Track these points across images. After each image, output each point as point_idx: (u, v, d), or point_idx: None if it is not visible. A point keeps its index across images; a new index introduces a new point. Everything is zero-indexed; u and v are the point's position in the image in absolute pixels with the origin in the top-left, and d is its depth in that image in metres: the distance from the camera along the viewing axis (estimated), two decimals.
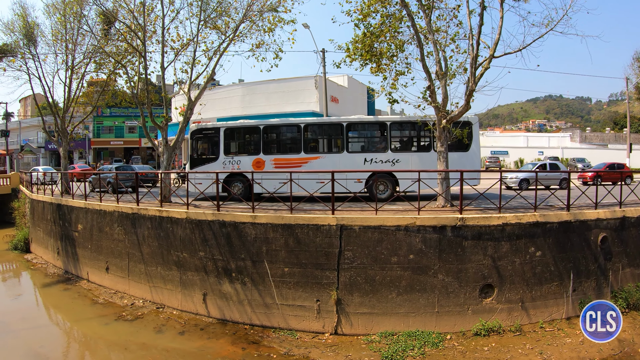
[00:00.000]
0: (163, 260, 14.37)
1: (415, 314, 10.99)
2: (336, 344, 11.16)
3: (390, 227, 10.97)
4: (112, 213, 16.29)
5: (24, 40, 22.42)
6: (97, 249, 17.13)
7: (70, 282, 18.21)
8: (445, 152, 13.42)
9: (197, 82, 17.81)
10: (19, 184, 31.81)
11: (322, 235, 11.46)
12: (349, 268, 11.29)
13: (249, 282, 12.47)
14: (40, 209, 22.52)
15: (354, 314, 11.35)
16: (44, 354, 12.72)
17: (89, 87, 24.65)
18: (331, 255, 11.41)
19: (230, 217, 12.71)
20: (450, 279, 10.83)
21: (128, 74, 18.54)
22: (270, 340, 11.71)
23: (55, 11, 21.44)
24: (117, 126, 58.02)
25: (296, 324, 11.96)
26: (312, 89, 31.37)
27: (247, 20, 16.63)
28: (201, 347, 11.82)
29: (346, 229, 11.26)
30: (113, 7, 17.91)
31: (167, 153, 16.68)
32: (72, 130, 25.00)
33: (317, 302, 11.59)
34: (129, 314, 14.24)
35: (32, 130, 62.69)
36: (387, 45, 14.45)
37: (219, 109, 33.62)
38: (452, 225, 10.86)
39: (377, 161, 16.22)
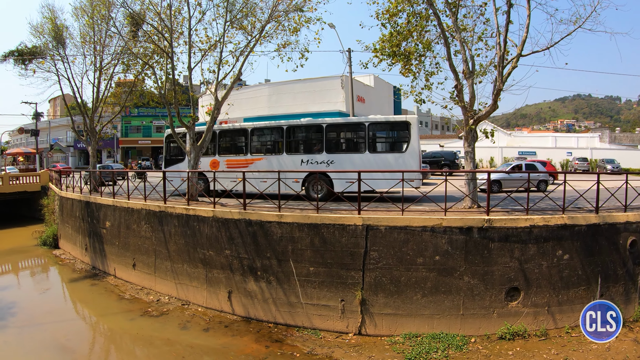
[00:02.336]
0: (189, 257, 14.89)
1: (440, 315, 11.13)
2: (359, 344, 11.38)
3: (417, 227, 11.15)
4: (139, 211, 16.95)
5: (53, 43, 23.60)
6: (125, 245, 17.82)
7: (97, 278, 18.95)
8: (472, 153, 13.58)
9: (224, 82, 18.23)
10: (48, 182, 33.33)
11: (348, 235, 11.72)
12: (374, 268, 11.51)
13: (274, 281, 12.83)
14: (69, 206, 23.51)
15: (378, 314, 11.56)
16: (69, 347, 13.25)
17: (117, 87, 25.66)
18: (357, 255, 11.65)
19: (257, 216, 13.11)
20: (476, 281, 10.93)
21: (156, 74, 19.04)
22: (294, 339, 12.02)
23: (83, 14, 22.48)
24: (144, 126, 59.65)
25: (320, 323, 12.25)
26: (339, 88, 31.69)
27: (272, 21, 16.95)
28: (225, 344, 12.19)
29: (372, 229, 11.49)
30: (140, 9, 18.53)
31: (194, 152, 17.19)
32: (100, 129, 25.97)
33: (341, 302, 11.86)
34: (155, 310, 14.77)
35: (62, 130, 65.08)
36: (415, 45, 14.65)
37: (246, 108, 34.18)
38: (478, 226, 10.97)
39: (312, 162, 17.14)
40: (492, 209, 11.75)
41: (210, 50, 17.94)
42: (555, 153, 50.39)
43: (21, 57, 24.81)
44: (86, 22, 22.69)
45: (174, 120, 18.04)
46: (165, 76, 18.89)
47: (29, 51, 24.69)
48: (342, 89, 31.32)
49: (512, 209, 12.57)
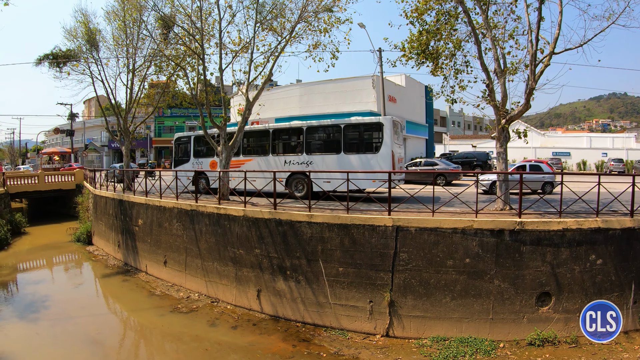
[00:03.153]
0: (219, 256, 15.29)
1: (469, 319, 11.11)
2: (387, 346, 11.43)
3: (447, 229, 11.20)
4: (171, 209, 17.47)
5: (86, 46, 24.57)
6: (156, 243, 18.40)
7: (129, 274, 19.61)
8: (504, 153, 13.49)
9: (255, 82, 18.58)
10: (82, 180, 34.66)
11: (378, 236, 11.81)
12: (403, 270, 11.57)
13: (303, 281, 13.04)
14: (102, 204, 24.36)
15: (406, 316, 11.61)
16: (100, 340, 13.71)
17: (150, 88, 26.51)
18: (386, 256, 11.74)
19: (287, 216, 13.36)
20: (506, 285, 10.86)
21: (187, 75, 19.62)
22: (321, 339, 12.18)
23: (115, 18, 23.38)
24: (177, 126, 60.89)
25: (348, 324, 12.37)
26: (370, 88, 31.83)
27: (302, 21, 17.18)
28: (252, 342, 12.43)
29: (402, 230, 11.55)
30: (171, 12, 19.04)
31: (225, 152, 17.62)
32: (134, 129, 26.84)
33: (370, 303, 11.96)
34: (184, 307, 15.19)
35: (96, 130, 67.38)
36: (444, 44, 14.67)
37: (277, 109, 34.70)
38: (510, 229, 10.91)
39: (294, 163, 18.23)
40: (524, 211, 11.66)
41: (241, 52, 18.30)
42: (590, 154, 49.51)
43: (55, 60, 25.91)
44: (118, 25, 23.60)
45: (206, 121, 18.61)
46: (197, 77, 19.45)
47: (63, 54, 25.74)
48: (374, 89, 31.46)
49: (545, 211, 12.46)
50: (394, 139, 16.88)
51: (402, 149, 19.06)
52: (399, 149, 17.82)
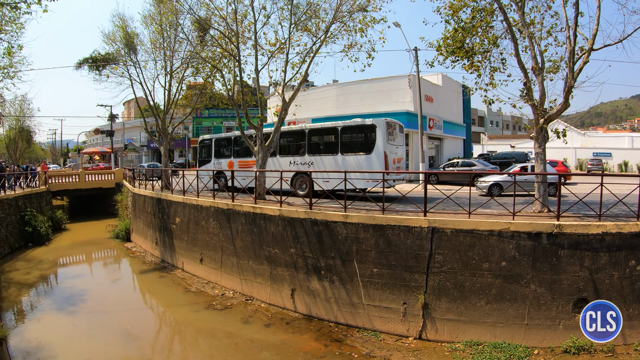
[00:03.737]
0: (255, 254, 15.81)
1: (503, 324, 11.09)
2: (419, 349, 11.52)
3: (483, 231, 11.26)
4: (208, 208, 18.16)
5: (124, 49, 25.61)
6: (193, 241, 19.12)
7: (165, 271, 20.42)
8: (542, 154, 13.32)
9: (291, 83, 19.06)
10: (122, 179, 36.22)
11: (413, 237, 11.96)
12: (438, 272, 11.66)
13: (337, 281, 13.34)
14: (141, 202, 25.41)
15: (440, 319, 11.69)
16: (135, 334, 14.35)
17: (188, 90, 27.43)
18: (421, 258, 11.86)
19: (322, 216, 13.71)
20: (542, 290, 10.78)
21: (224, 77, 20.32)
22: (354, 339, 12.40)
23: (152, 21, 24.33)
24: (215, 126, 62.38)
25: (381, 325, 12.56)
26: (406, 88, 31.76)
27: (337, 22, 17.46)
28: (285, 341, 12.77)
29: (438, 231, 11.68)
30: (206, 15, 19.77)
31: (262, 152, 18.11)
32: (172, 130, 27.82)
33: (403, 304, 12.11)
34: (219, 304, 15.75)
35: (135, 130, 70.05)
36: (480, 41, 14.62)
37: (314, 109, 35.15)
38: (548, 232, 10.82)
39: (297, 163, 19.87)
40: (562, 213, 11.50)
41: (277, 53, 18.82)
42: (632, 154, 47.98)
43: (95, 63, 27.10)
44: (155, 29, 24.55)
45: (243, 121, 19.27)
46: (233, 79, 20.17)
47: (102, 58, 26.92)
48: (410, 88, 31.52)
49: (585, 214, 12.24)
50: (389, 140, 17.98)
51: (402, 149, 19.76)
52: (395, 149, 18.68)
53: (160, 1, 23.11)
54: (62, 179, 37.04)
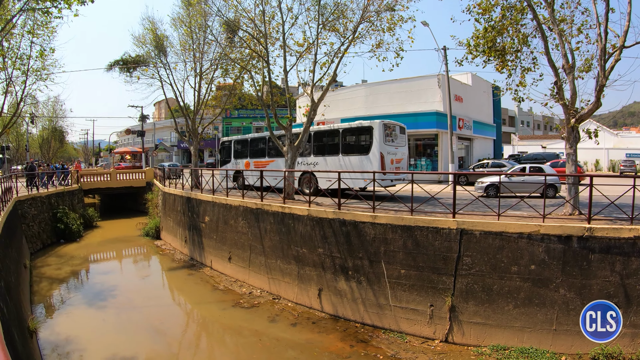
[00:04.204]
0: (283, 254, 16.21)
1: (531, 329, 11.02)
2: (445, 352, 11.62)
3: (513, 234, 11.26)
4: (237, 207, 18.67)
5: (154, 51, 26.49)
6: (222, 239, 19.67)
7: (194, 269, 21.02)
8: (574, 155, 13.17)
9: (319, 83, 19.37)
10: (152, 178, 37.42)
11: (442, 239, 12.10)
12: (466, 274, 11.74)
13: (365, 281, 13.56)
14: (171, 201, 26.22)
15: (467, 322, 11.77)
16: (162, 330, 14.83)
17: (218, 91, 28.17)
18: (449, 259, 11.99)
19: (351, 216, 13.97)
20: (572, 294, 10.70)
21: (253, 78, 20.96)
22: (379, 340, 12.58)
23: (181, 24, 25.09)
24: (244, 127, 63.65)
25: (407, 327, 12.71)
26: (435, 88, 31.92)
27: (364, 21, 17.65)
28: (310, 340, 13.03)
29: (466, 233, 11.80)
30: (235, 17, 20.23)
31: (291, 152, 18.54)
32: (202, 130, 28.62)
33: (430, 307, 12.23)
34: (246, 302, 16.18)
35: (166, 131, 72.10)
36: (510, 40, 14.62)
37: (343, 109, 35.76)
38: (578, 235, 10.73)
39: (305, 164, 20.89)
40: (593, 216, 11.40)
41: (305, 53, 19.18)
42: None
43: (126, 65, 28.12)
44: (184, 31, 25.29)
45: (272, 122, 19.77)
46: (262, 79, 20.66)
47: (133, 60, 27.90)
48: (439, 88, 31.60)
49: (617, 217, 12.11)
50: (386, 141, 18.79)
51: (403, 150, 20.40)
52: (394, 150, 19.39)
53: (189, 4, 23.88)
54: (94, 177, 38.48)
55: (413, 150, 34.64)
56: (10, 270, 14.02)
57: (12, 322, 9.41)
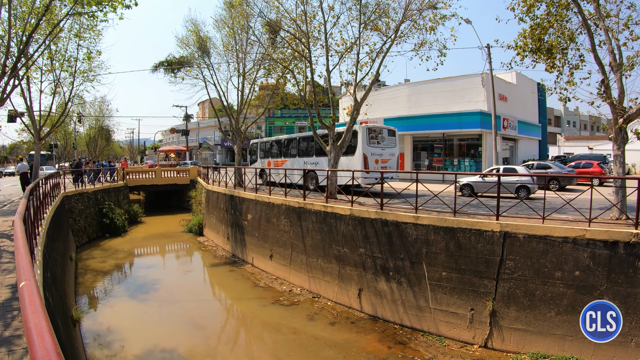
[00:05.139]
0: (324, 253, 16.83)
1: (573, 338, 10.89)
2: (483, 357, 11.78)
3: (557, 238, 11.23)
4: (279, 206, 19.47)
5: (198, 53, 28.01)
6: (263, 237, 20.52)
7: (235, 265, 21.98)
8: (621, 156, 13.02)
9: (362, 83, 19.99)
10: (196, 176, 39.11)
11: (484, 242, 12.29)
12: (508, 279, 11.86)
13: (405, 283, 13.95)
14: (214, 199, 27.40)
15: (507, 328, 11.86)
16: (202, 324, 15.67)
17: (260, 90, 29.55)
18: (491, 263, 12.15)
19: (393, 217, 14.41)
20: (616, 303, 10.56)
21: (295, 77, 21.85)
22: (417, 343, 12.86)
23: (224, 25, 26.47)
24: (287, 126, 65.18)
25: (446, 330, 12.97)
26: (479, 87, 31.95)
27: (406, 20, 18.03)
28: (348, 340, 13.45)
29: (510, 236, 11.90)
30: (277, 18, 21.17)
31: (334, 152, 19.22)
32: (245, 129, 29.91)
33: (470, 310, 12.44)
34: (286, 300, 16.84)
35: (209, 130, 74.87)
36: (557, 38, 14.58)
37: (385, 109, 36.38)
38: (625, 241, 10.48)
39: (308, 163, 24.98)
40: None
41: (347, 53, 19.80)
42: None
43: (170, 66, 29.83)
44: (227, 32, 26.63)
45: (315, 121, 20.50)
46: (305, 79, 21.48)
47: (177, 61, 29.58)
48: (483, 87, 31.60)
49: None
50: (371, 143, 21.81)
51: (390, 151, 23.07)
52: (380, 151, 22.30)
53: (232, 6, 25.08)
54: (140, 175, 40.60)
55: (456, 150, 34.91)
56: (57, 262, 14.94)
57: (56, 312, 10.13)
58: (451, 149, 35.21)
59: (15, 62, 16.38)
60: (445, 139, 35.04)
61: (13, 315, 7.12)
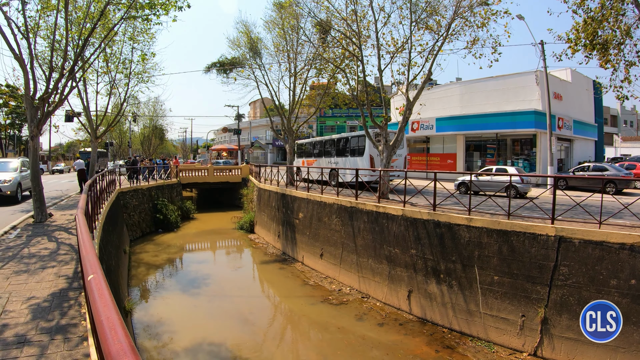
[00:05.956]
0: (375, 253, 17.33)
1: (625, 350, 10.68)
2: None
3: (614, 244, 11.09)
4: (331, 205, 20.14)
5: (249, 53, 29.41)
6: (314, 236, 21.25)
7: (285, 263, 22.85)
8: None
9: (414, 82, 20.35)
10: (248, 175, 40.68)
11: (539, 246, 12.29)
12: (562, 285, 11.85)
13: (456, 286, 14.21)
14: (266, 197, 28.47)
15: (558, 337, 11.71)
16: (251, 320, 16.44)
17: (312, 90, 30.54)
18: (545, 268, 12.16)
19: (446, 218, 14.73)
20: None
21: (347, 77, 22.48)
22: (466, 348, 13.06)
23: (274, 26, 27.71)
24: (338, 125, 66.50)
25: (495, 336, 13.09)
26: (533, 85, 31.76)
27: (458, 17, 18.32)
28: (396, 342, 13.80)
29: (564, 241, 11.87)
30: (327, 17, 21.88)
31: (386, 151, 19.69)
32: (297, 129, 30.89)
33: (521, 317, 12.49)
34: (335, 299, 17.42)
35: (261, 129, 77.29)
36: (612, 32, 14.38)
37: (438, 108, 36.77)
38: None
39: (331, 162, 29.33)
40: None
41: (399, 52, 20.26)
42: None
43: (222, 67, 31.52)
44: (278, 33, 27.83)
45: (367, 121, 20.99)
46: (357, 79, 22.08)
47: (229, 62, 31.28)
48: (537, 85, 31.24)
49: None
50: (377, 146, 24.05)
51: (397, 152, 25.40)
52: None
53: (281, 7, 26.27)
54: (192, 172, 42.71)
55: (510, 151, 34.76)
56: (111, 255, 16.06)
57: None
58: (505, 150, 35.10)
59: (72, 65, 17.47)
60: (498, 139, 34.98)
61: (69, 305, 7.82)
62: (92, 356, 5.70)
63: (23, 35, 16.23)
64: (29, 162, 19.74)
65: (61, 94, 17.64)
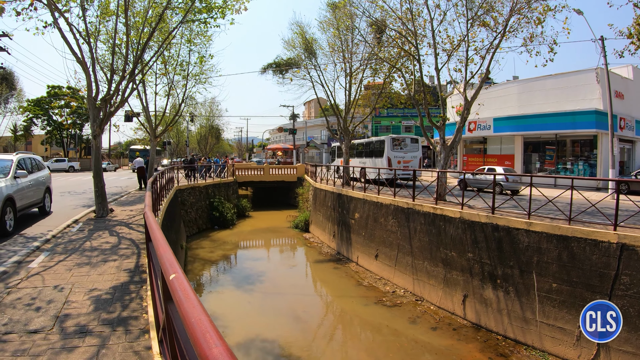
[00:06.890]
0: (431, 255, 17.68)
1: None
2: None
3: None
4: (388, 206, 20.64)
5: (304, 54, 30.45)
6: (370, 237, 21.81)
7: (339, 263, 23.57)
8: None
9: (471, 81, 20.55)
10: (304, 174, 42.17)
11: (600, 253, 12.07)
12: (622, 295, 11.66)
13: (512, 292, 14.28)
14: (322, 197, 29.39)
15: (615, 350, 11.42)
16: (303, 318, 17.08)
17: (367, 90, 31.28)
18: (605, 277, 11.94)
19: (504, 222, 14.80)
20: None
21: (403, 76, 22.97)
22: (520, 357, 13.09)
23: (329, 26, 28.50)
24: (394, 126, 67.33)
25: (550, 346, 12.95)
26: (593, 83, 31.09)
27: (515, 14, 18.29)
28: (449, 347, 14.04)
29: (627, 249, 11.56)
30: (381, 17, 22.34)
31: (444, 152, 20.00)
32: (352, 129, 31.69)
33: (578, 327, 12.23)
34: (389, 300, 17.88)
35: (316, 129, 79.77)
36: None
37: (495, 108, 36.51)
38: None
39: (361, 162, 33.95)
40: None
41: (455, 50, 20.49)
42: None
43: (278, 68, 32.89)
44: (333, 33, 28.58)
45: (424, 121, 21.32)
46: (413, 78, 22.42)
47: (285, 63, 32.68)
48: (598, 83, 30.49)
49: None
50: (394, 149, 30.95)
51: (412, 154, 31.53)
52: (402, 155, 31.05)
53: (336, 7, 27.07)
54: (248, 171, 44.43)
55: (569, 152, 34.19)
56: None
57: None
58: (564, 151, 34.54)
59: (132, 68, 18.71)
60: (557, 140, 34.45)
61: (131, 297, 8.44)
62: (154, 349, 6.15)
63: (84, 40, 17.65)
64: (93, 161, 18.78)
65: (122, 95, 18.88)
